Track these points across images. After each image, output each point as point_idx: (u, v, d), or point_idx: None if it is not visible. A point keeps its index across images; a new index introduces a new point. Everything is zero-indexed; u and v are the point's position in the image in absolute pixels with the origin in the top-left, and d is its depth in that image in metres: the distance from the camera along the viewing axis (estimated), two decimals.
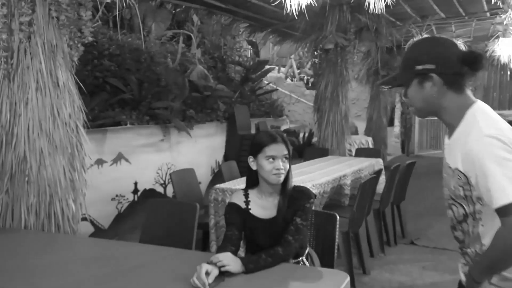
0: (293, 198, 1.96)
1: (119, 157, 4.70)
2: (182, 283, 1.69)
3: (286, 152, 1.91)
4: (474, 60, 1.35)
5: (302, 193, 1.99)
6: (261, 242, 1.92)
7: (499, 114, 1.42)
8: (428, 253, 4.40)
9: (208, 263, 1.68)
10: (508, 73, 11.49)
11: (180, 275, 1.78)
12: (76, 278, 1.79)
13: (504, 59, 6.25)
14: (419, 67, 1.40)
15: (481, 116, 1.37)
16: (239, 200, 2.00)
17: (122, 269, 1.88)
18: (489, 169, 1.26)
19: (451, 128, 1.45)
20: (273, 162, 1.89)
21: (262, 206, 1.98)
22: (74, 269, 1.91)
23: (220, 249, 1.83)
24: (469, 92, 1.43)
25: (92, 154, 4.24)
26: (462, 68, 1.37)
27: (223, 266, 1.67)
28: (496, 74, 11.53)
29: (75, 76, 2.93)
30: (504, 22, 4.70)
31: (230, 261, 1.70)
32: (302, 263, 2.01)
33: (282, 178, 1.91)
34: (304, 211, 1.93)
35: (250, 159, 1.96)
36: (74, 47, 2.89)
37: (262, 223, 1.94)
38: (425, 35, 6.21)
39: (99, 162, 4.47)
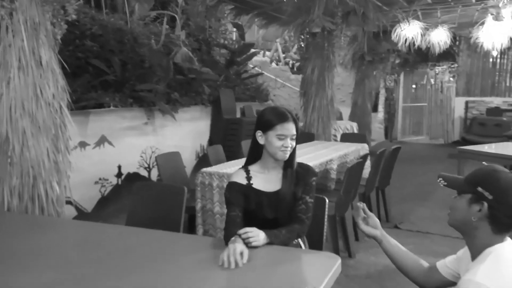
0: (299, 173, 2.03)
1: (102, 140, 4.62)
2: (171, 264, 1.68)
3: (295, 132, 1.96)
4: None
5: (308, 169, 2.07)
6: (267, 215, 1.95)
7: (480, 101, 1.44)
8: (412, 236, 4.46)
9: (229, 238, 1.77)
10: (491, 60, 11.63)
11: (168, 257, 1.76)
12: (62, 261, 1.75)
13: (487, 45, 6.29)
14: (480, 189, 1.45)
15: (491, 260, 1.40)
16: (240, 178, 2.01)
17: (109, 251, 1.85)
18: None
19: (471, 254, 1.52)
20: (282, 140, 1.93)
21: (265, 180, 2.01)
22: (59, 252, 1.87)
23: (227, 232, 1.86)
24: (505, 235, 1.47)
25: (75, 137, 4.16)
26: None
27: (249, 242, 1.74)
28: (479, 61, 11.66)
29: (58, 55, 2.84)
30: (499, 5, 4.70)
31: (259, 237, 1.77)
32: (297, 242, 2.04)
33: (288, 155, 1.97)
34: (311, 188, 2.02)
35: (258, 133, 1.98)
36: (57, 25, 2.80)
37: (267, 196, 1.97)
38: (412, 21, 6.22)
39: (82, 144, 4.39)
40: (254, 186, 1.99)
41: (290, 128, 1.94)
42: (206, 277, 1.57)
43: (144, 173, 5.24)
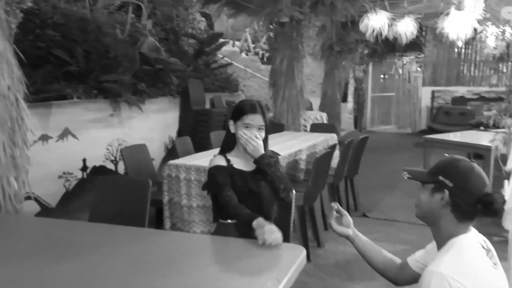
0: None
1: (65, 133, 4.47)
2: (135, 261, 1.63)
3: (262, 123, 2.08)
4: (489, 205, 1.41)
5: (272, 152, 2.25)
6: (253, 188, 2.07)
7: (446, 91, 1.45)
8: (379, 225, 4.53)
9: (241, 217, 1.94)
10: (456, 50, 11.89)
11: (133, 254, 1.71)
12: (19, 259, 1.67)
13: (452, 36, 6.39)
14: (441, 178, 1.47)
15: (454, 250, 1.41)
16: (221, 161, 2.11)
17: (71, 249, 1.79)
18: None
19: (437, 245, 1.53)
20: (249, 129, 2.05)
21: (242, 162, 2.13)
22: (15, 250, 1.78)
23: (236, 211, 1.97)
24: (468, 225, 1.47)
25: (36, 130, 4.02)
26: (475, 205, 1.42)
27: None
28: (445, 51, 11.90)
29: (14, 45, 2.71)
30: None
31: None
32: None
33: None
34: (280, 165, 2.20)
35: (230, 122, 2.12)
36: (11, 13, 2.67)
37: (249, 173, 2.10)
38: (379, 12, 6.26)
39: (44, 138, 4.24)
40: (235, 166, 2.10)
41: (257, 119, 2.06)
42: (170, 273, 1.53)
43: (110, 166, 5.12)
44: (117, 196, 2.55)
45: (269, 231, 1.76)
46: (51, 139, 4.31)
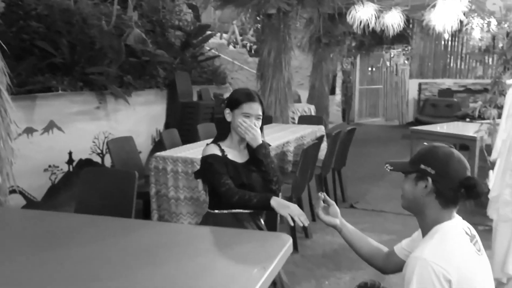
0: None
1: (50, 126, 4.42)
2: (123, 251, 1.62)
3: (260, 112, 2.08)
4: (472, 188, 1.42)
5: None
6: (244, 181, 2.07)
7: (433, 83, 1.47)
8: (367, 215, 4.57)
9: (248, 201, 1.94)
10: (442, 42, 11.97)
11: (121, 244, 1.70)
12: (7, 252, 1.65)
13: (439, 27, 6.42)
14: (422, 167, 1.48)
15: (438, 237, 1.42)
16: (215, 150, 2.10)
17: (58, 240, 1.76)
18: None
19: (423, 233, 1.54)
20: (247, 118, 2.05)
21: (235, 153, 2.13)
22: (4, 242, 1.75)
23: (242, 196, 1.95)
24: (452, 210, 1.49)
25: (20, 122, 3.96)
26: (458, 189, 1.44)
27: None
28: (431, 43, 11.97)
29: None
30: None
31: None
32: (258, 220, 2.14)
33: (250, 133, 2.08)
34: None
35: (227, 111, 2.10)
36: None
37: (241, 165, 2.10)
38: (366, 3, 6.26)
39: (29, 130, 4.18)
40: (229, 157, 2.08)
41: (255, 108, 2.06)
42: (158, 262, 1.52)
43: (97, 159, 5.07)
44: (103, 188, 2.52)
45: (298, 212, 1.81)
46: (36, 132, 4.26)
